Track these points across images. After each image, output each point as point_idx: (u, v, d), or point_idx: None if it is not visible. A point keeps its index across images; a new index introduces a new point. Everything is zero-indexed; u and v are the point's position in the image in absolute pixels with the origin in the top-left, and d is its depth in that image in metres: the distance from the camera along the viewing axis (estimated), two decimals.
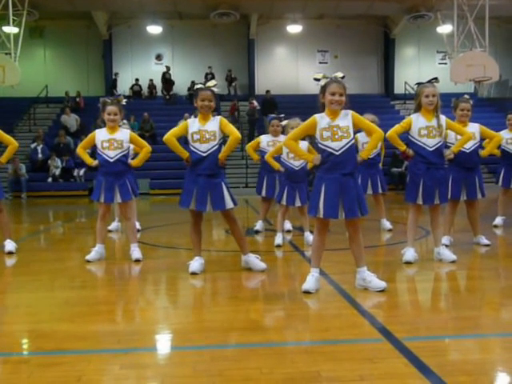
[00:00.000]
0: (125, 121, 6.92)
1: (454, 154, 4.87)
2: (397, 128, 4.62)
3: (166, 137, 4.32)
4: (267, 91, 19.60)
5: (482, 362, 2.47)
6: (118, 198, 5.05)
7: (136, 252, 5.06)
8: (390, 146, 6.89)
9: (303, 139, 5.28)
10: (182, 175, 4.47)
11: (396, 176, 15.23)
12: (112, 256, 5.39)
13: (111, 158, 4.99)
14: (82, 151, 5.30)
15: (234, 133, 4.36)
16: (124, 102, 5.19)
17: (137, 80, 21.03)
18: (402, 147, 4.61)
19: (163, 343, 2.88)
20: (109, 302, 3.70)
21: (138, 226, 6.96)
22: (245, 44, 21.93)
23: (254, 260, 4.48)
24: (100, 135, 5.05)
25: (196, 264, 4.41)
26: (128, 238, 5.32)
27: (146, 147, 5.29)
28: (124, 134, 5.08)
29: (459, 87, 15.98)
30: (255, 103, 18.43)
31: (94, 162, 5.15)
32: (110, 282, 4.42)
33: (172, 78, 20.89)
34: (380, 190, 6.79)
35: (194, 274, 4.36)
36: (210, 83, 4.36)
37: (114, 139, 4.99)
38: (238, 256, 4.65)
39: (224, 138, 4.42)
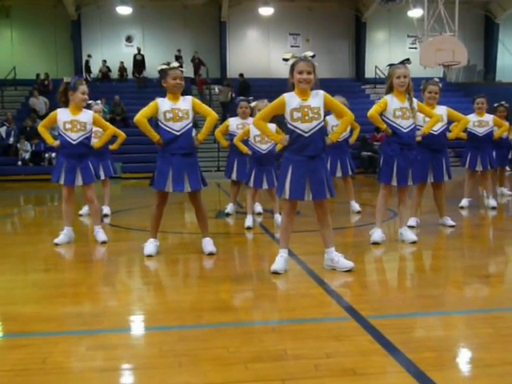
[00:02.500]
0: (98, 101, 6.79)
1: (421, 136, 4.93)
2: (376, 107, 4.62)
3: (136, 118, 4.22)
4: (240, 74, 19.45)
5: (446, 339, 2.53)
6: (79, 181, 4.94)
7: (100, 234, 5.04)
8: (361, 129, 7.00)
9: (271, 121, 5.28)
10: (154, 159, 4.40)
11: (365, 159, 15.38)
12: (82, 239, 5.33)
13: (74, 141, 4.87)
14: (43, 130, 5.14)
15: (211, 113, 4.32)
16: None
17: (104, 62, 20.57)
18: (383, 126, 4.60)
19: (130, 324, 2.86)
20: (76, 284, 3.65)
21: (107, 210, 6.92)
22: (216, 26, 21.63)
23: (208, 242, 4.48)
24: (62, 115, 4.89)
25: (151, 246, 4.40)
26: (92, 221, 5.28)
27: (110, 129, 5.27)
28: (87, 115, 4.95)
29: (428, 71, 16.14)
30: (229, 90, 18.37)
31: (56, 143, 5.03)
32: (78, 265, 4.36)
33: (143, 60, 20.54)
34: (350, 173, 6.87)
35: (149, 256, 4.35)
36: (175, 64, 4.29)
37: (77, 121, 4.86)
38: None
39: (196, 122, 4.38)
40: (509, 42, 22.99)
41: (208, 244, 4.46)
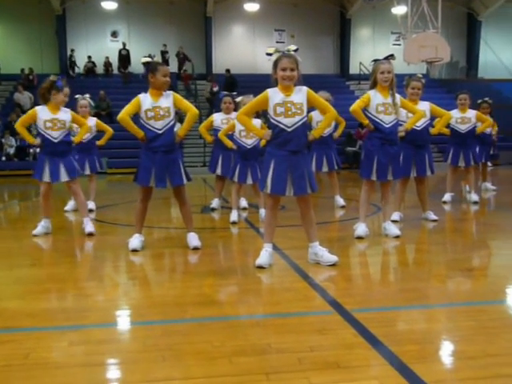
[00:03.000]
0: (87, 95, 6.74)
1: (404, 132, 4.97)
2: (359, 102, 4.64)
3: (120, 116, 4.21)
4: (227, 70, 19.39)
5: (428, 332, 2.56)
6: (64, 177, 5.05)
7: (89, 226, 5.12)
8: (346, 125, 7.03)
9: (257, 117, 5.28)
10: (139, 154, 4.39)
11: (350, 155, 15.46)
12: (67, 233, 5.34)
13: (55, 139, 4.98)
14: (21, 129, 5.16)
15: (192, 109, 4.31)
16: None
17: (89, 57, 20.41)
18: (365, 121, 4.63)
19: (114, 319, 2.84)
20: (61, 279, 3.62)
21: (93, 206, 6.88)
22: (202, 22, 21.59)
23: (192, 237, 4.47)
24: (42, 114, 4.96)
25: (136, 241, 4.39)
26: (80, 213, 5.35)
27: (85, 125, 5.46)
28: (66, 113, 5.07)
29: (412, 68, 16.28)
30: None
31: (36, 141, 5.13)
32: (63, 260, 4.32)
33: (129, 55, 20.37)
34: (335, 167, 6.90)
35: (134, 251, 4.33)
36: (157, 59, 4.30)
37: (57, 119, 4.97)
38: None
39: (180, 115, 4.38)
40: (491, 40, 23.31)
41: (193, 238, 4.45)
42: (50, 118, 4.93)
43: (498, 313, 2.82)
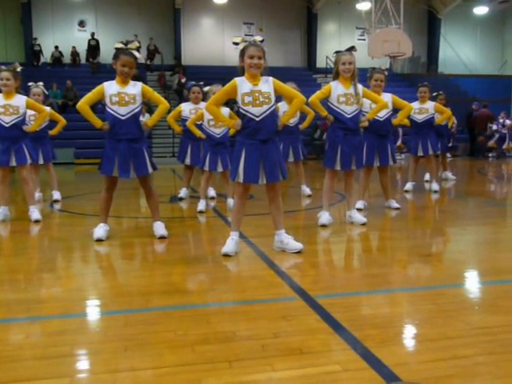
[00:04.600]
0: (40, 83, 6.56)
1: (368, 122, 5.03)
2: (318, 94, 4.68)
3: (79, 104, 4.15)
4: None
5: (390, 316, 2.60)
6: (13, 162, 5.09)
7: (35, 213, 5.19)
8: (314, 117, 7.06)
9: (227, 105, 5.25)
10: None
11: (317, 146, 15.58)
12: (30, 224, 5.17)
13: (6, 124, 5.02)
14: None
15: (163, 102, 4.32)
16: (19, 69, 5.14)
17: (56, 47, 19.91)
18: (324, 112, 4.67)
19: (75, 310, 2.76)
20: (21, 270, 3.52)
21: (57, 196, 6.73)
22: (171, 13, 21.39)
23: (159, 226, 4.44)
24: None
25: (101, 231, 4.33)
26: (27, 201, 5.34)
27: (44, 112, 5.44)
28: (20, 100, 5.07)
29: (376, 62, 16.48)
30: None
31: None
32: (26, 251, 4.22)
33: (98, 45, 19.98)
34: (301, 158, 6.95)
35: (99, 240, 4.27)
36: (133, 45, 4.17)
37: (9, 105, 5.00)
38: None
39: (149, 105, 4.33)
40: (450, 37, 24.13)
41: (159, 228, 4.41)
42: (2, 104, 5.00)
43: (456, 296, 2.90)
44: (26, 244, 4.52)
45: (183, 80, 18.42)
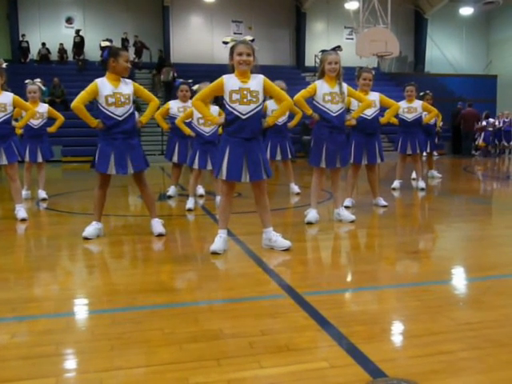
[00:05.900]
0: (37, 79, 6.52)
1: (354, 120, 5.07)
2: (303, 93, 4.70)
3: (73, 104, 4.10)
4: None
5: (377, 312, 2.62)
6: (3, 160, 5.03)
7: (21, 212, 5.15)
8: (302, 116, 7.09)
9: (216, 104, 5.25)
10: (95, 142, 4.30)
11: (306, 144, 15.61)
12: (16, 223, 5.13)
13: None
14: None
15: (154, 99, 4.36)
16: (4, 65, 5.08)
17: (43, 44, 19.74)
18: (309, 111, 4.70)
19: (61, 309, 2.74)
20: (6, 269, 3.49)
21: (44, 194, 6.69)
22: (159, 11, 21.32)
23: (157, 223, 4.43)
24: None
25: (91, 229, 4.31)
26: (13, 199, 5.27)
27: (31, 110, 5.40)
28: (7, 97, 5.01)
29: (364, 61, 16.62)
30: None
31: None
32: (13, 249, 4.19)
33: (83, 42, 19.82)
34: (289, 156, 6.97)
35: (86, 239, 4.24)
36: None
37: None
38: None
39: (137, 103, 4.35)
40: (436, 37, 24.40)
41: (157, 225, 4.40)
42: None
43: (442, 292, 2.92)
44: (12, 243, 4.47)
45: (173, 74, 18.37)
